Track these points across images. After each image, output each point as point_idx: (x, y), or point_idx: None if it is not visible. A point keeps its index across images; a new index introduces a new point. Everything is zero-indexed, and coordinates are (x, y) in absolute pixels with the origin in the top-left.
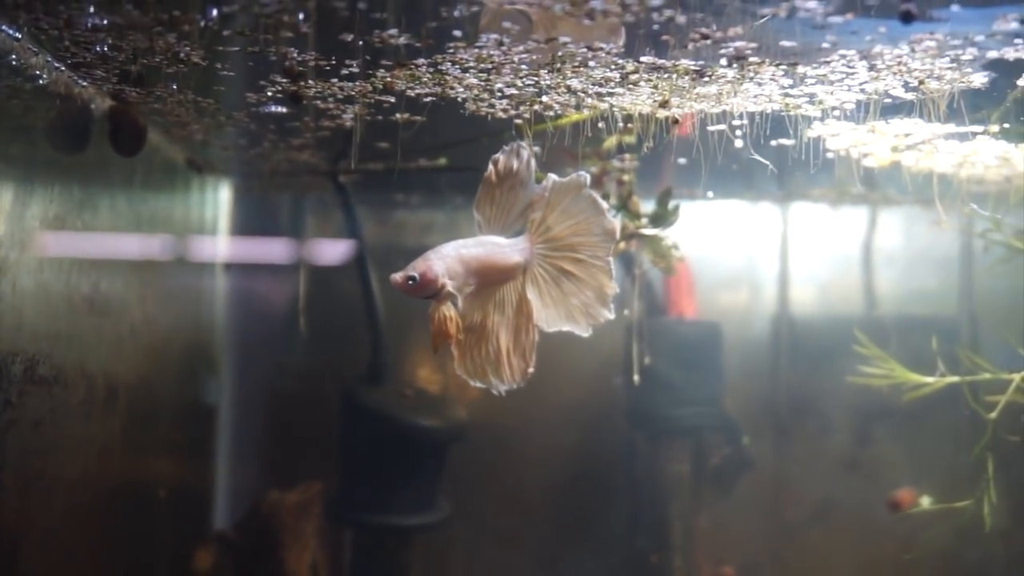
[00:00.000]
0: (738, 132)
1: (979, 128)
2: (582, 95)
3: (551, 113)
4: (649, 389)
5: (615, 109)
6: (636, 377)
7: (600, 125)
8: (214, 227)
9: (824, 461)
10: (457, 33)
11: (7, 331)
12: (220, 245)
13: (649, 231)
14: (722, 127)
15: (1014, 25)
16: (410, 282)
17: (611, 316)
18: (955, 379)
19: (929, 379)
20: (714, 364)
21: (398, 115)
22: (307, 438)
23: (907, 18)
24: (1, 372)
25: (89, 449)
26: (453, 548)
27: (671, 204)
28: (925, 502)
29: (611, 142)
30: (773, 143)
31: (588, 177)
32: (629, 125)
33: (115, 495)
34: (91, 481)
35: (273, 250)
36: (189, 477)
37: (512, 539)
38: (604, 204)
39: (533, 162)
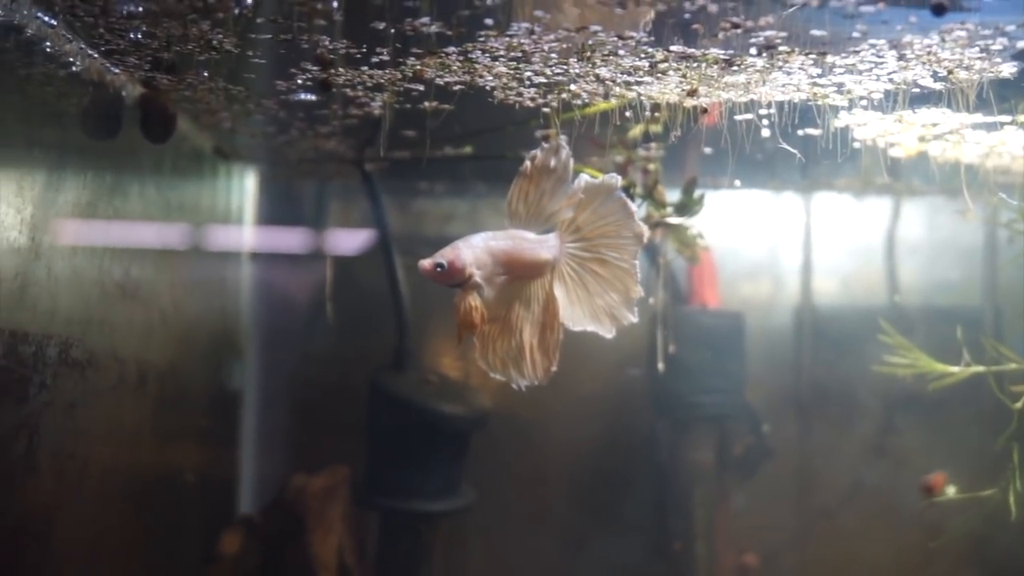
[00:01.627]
0: (765, 121)
1: (1007, 118)
2: (610, 84)
3: (579, 102)
4: (672, 377)
5: (643, 98)
6: (661, 365)
7: (627, 114)
8: (240, 215)
9: (847, 450)
10: (489, 21)
11: (42, 315)
12: (246, 233)
13: (674, 220)
14: (749, 116)
15: None
16: (438, 269)
17: (635, 320)
18: (980, 369)
19: (954, 368)
20: (737, 353)
21: (426, 103)
22: (333, 424)
23: (939, 11)
24: (36, 355)
25: (120, 433)
26: (477, 533)
27: (696, 193)
28: (951, 491)
29: (637, 131)
30: (800, 133)
31: (620, 179)
32: (656, 114)
33: (145, 478)
34: (122, 464)
35: (298, 238)
36: (217, 462)
37: (535, 526)
38: (634, 207)
39: (571, 162)
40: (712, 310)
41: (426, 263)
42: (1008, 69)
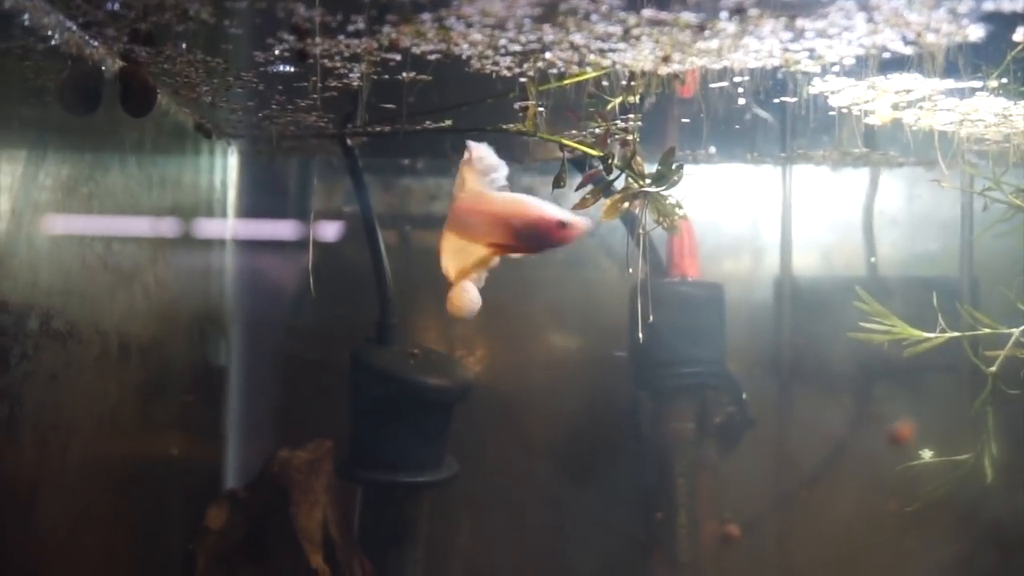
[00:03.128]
0: (740, 89)
1: (978, 84)
2: (585, 51)
3: (554, 71)
4: (652, 348)
5: (618, 66)
6: (640, 335)
7: (604, 83)
8: (223, 191)
9: (827, 419)
10: None
11: (23, 286)
12: (229, 210)
13: (652, 191)
14: (724, 84)
15: None
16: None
17: None
18: (955, 334)
19: (930, 335)
20: (717, 324)
21: (404, 74)
22: (318, 398)
23: None
24: (17, 325)
25: (103, 405)
26: (461, 505)
27: (674, 164)
28: (927, 455)
29: (616, 102)
30: (775, 101)
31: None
32: (633, 83)
33: (130, 452)
34: (105, 437)
35: (282, 214)
36: (202, 436)
37: (519, 498)
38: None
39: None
40: (692, 281)
41: (550, 216)
42: (976, 32)
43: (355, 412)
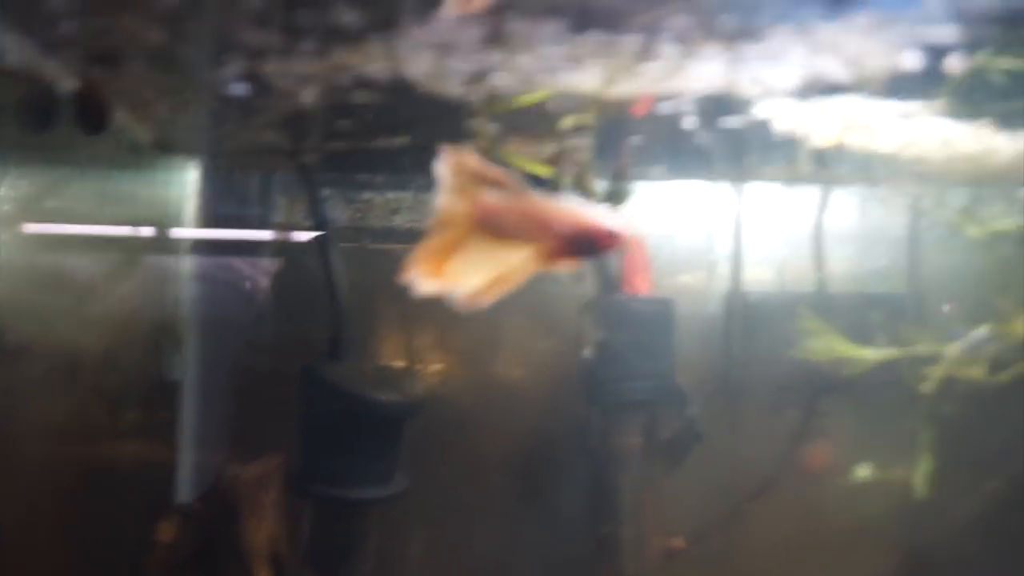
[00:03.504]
0: (686, 111)
1: (917, 108)
2: (532, 72)
3: (505, 92)
4: (603, 364)
5: (567, 87)
6: (587, 352)
7: (556, 104)
8: (181, 206)
9: (774, 434)
10: (408, 11)
11: None
12: (188, 225)
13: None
14: (672, 105)
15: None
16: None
17: None
18: (894, 352)
19: (869, 352)
20: (666, 339)
21: (357, 95)
22: (272, 413)
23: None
24: None
25: (54, 420)
26: (411, 520)
27: (624, 182)
28: (864, 472)
29: (568, 122)
30: (722, 124)
31: None
32: (585, 105)
33: (80, 467)
34: (56, 452)
35: (241, 230)
36: (155, 451)
37: (470, 512)
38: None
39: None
40: (642, 297)
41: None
42: (911, 60)
43: (306, 427)
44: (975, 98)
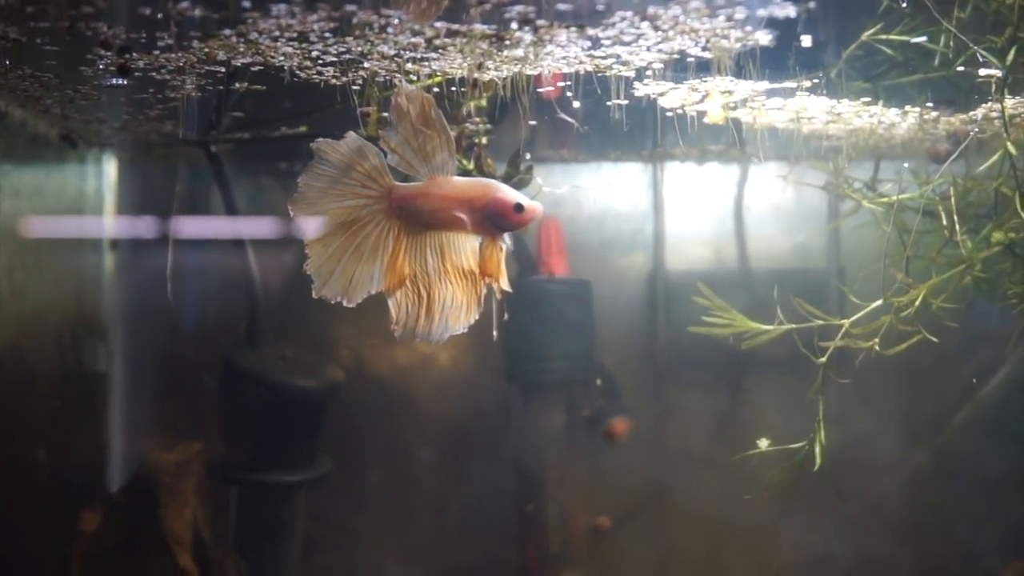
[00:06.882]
0: (569, 93)
1: (793, 84)
2: (400, 60)
3: (380, 80)
4: (522, 344)
5: (438, 73)
6: (495, 334)
7: (453, 90)
8: (98, 197)
9: (698, 413)
10: (247, 4)
11: None
12: (106, 215)
13: None
14: (557, 88)
15: None
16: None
17: None
18: (792, 326)
19: (768, 327)
20: (585, 319)
21: (237, 84)
22: (195, 400)
23: None
24: None
25: None
26: (336, 503)
27: (524, 165)
28: (763, 443)
29: (467, 106)
30: (608, 103)
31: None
32: (480, 90)
33: None
34: None
35: (162, 217)
36: (76, 442)
37: (397, 493)
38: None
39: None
40: (560, 278)
41: (505, 198)
42: (764, 37)
43: (227, 413)
44: (858, 76)
